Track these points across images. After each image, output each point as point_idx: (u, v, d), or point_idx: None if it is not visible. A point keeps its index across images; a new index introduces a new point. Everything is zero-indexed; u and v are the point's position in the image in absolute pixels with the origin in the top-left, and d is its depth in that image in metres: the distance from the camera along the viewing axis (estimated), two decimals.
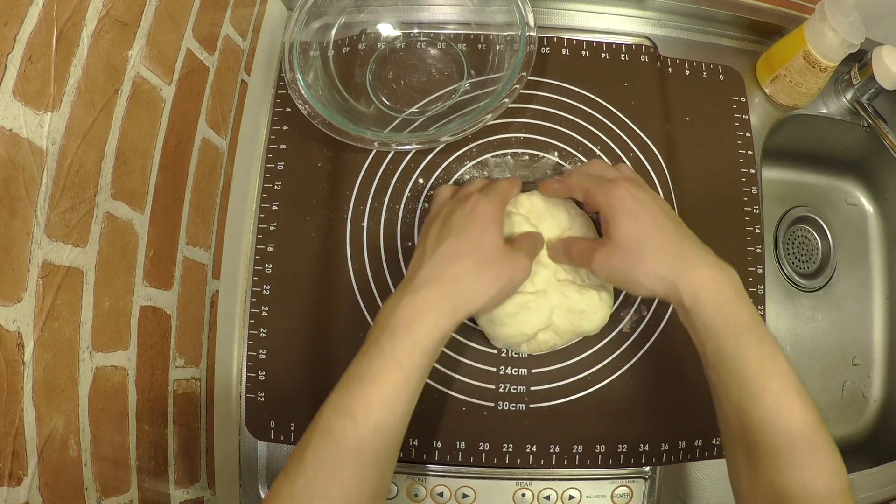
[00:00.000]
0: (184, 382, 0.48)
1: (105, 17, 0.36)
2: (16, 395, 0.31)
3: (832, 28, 0.54)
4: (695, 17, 0.63)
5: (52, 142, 0.33)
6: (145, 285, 0.43)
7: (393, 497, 0.52)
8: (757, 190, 0.58)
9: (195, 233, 0.49)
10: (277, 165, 0.57)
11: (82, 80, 0.34)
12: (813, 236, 0.75)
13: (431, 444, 0.51)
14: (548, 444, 0.51)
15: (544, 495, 0.52)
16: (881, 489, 0.57)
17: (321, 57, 0.57)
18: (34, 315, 0.32)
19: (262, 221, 0.56)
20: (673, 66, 0.61)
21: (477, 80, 0.58)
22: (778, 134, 0.64)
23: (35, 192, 0.32)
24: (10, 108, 0.30)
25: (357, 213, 0.55)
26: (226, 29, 0.51)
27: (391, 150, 0.55)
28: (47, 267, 0.33)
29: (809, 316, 0.72)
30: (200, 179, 0.49)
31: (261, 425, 0.53)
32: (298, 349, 0.54)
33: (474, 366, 0.52)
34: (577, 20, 0.62)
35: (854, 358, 0.72)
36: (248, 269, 0.56)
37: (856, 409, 0.70)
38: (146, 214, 0.42)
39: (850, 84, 0.63)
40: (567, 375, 0.52)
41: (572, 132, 0.56)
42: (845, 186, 0.77)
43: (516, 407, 0.52)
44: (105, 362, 0.38)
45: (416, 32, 0.60)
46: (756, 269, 0.56)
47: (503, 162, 0.55)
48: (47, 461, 0.33)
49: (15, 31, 0.30)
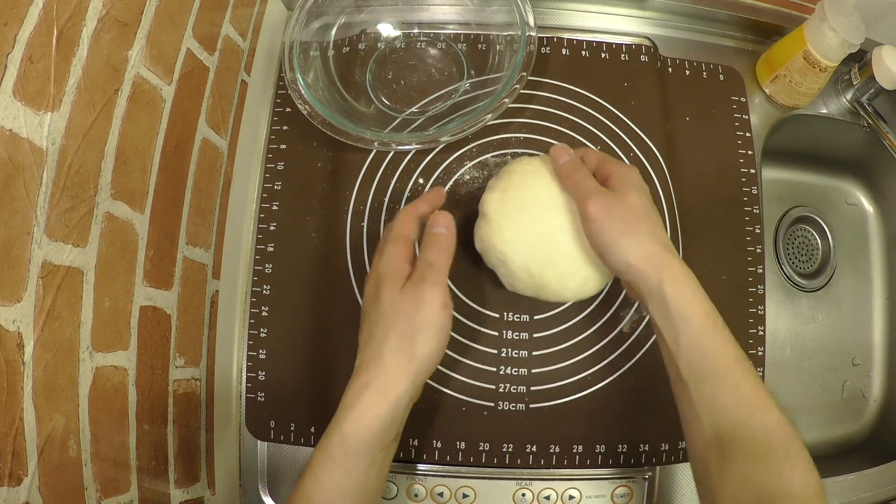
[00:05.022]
0: (184, 382, 0.48)
1: (105, 17, 0.36)
2: (16, 395, 0.31)
3: (832, 28, 0.54)
4: (695, 17, 0.63)
5: (52, 142, 0.33)
6: (145, 285, 0.43)
7: (393, 497, 0.52)
8: (757, 190, 0.58)
9: (195, 233, 0.49)
10: (277, 165, 0.57)
11: (82, 80, 0.34)
12: (813, 236, 0.75)
13: (431, 444, 0.51)
14: (548, 444, 0.51)
15: (544, 495, 0.52)
16: (881, 489, 0.57)
17: (321, 57, 0.57)
18: (34, 315, 0.32)
19: (262, 221, 0.56)
20: (673, 66, 0.61)
21: (477, 80, 0.58)
22: (778, 134, 0.64)
23: (35, 192, 0.32)
24: (10, 108, 0.30)
25: (357, 213, 0.55)
26: (226, 29, 0.51)
27: (391, 150, 0.55)
28: (47, 267, 0.33)
29: (809, 316, 0.72)
30: (200, 179, 0.49)
31: (261, 425, 0.53)
32: (298, 349, 0.54)
33: (474, 366, 0.52)
34: (577, 20, 0.62)
35: (854, 358, 0.72)
36: (248, 269, 0.56)
37: (856, 409, 0.70)
38: (146, 214, 0.42)
39: (850, 84, 0.63)
40: (567, 375, 0.52)
41: (572, 132, 0.56)
42: (845, 186, 0.77)
43: (516, 407, 0.52)
44: (105, 362, 0.38)
45: (416, 32, 0.60)
46: (756, 269, 0.56)
47: (503, 162, 0.55)
48: (47, 461, 0.33)
49: (15, 31, 0.30)
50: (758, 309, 0.56)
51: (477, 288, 0.53)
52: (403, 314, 0.39)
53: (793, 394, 0.70)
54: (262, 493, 0.54)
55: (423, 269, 0.41)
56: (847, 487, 0.56)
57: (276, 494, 0.54)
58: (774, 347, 0.70)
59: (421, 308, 0.39)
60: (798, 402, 0.69)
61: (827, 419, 0.69)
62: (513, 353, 0.52)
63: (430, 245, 0.42)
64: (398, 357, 0.39)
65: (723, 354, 0.38)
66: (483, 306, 0.53)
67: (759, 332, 0.55)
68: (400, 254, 0.42)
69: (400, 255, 0.42)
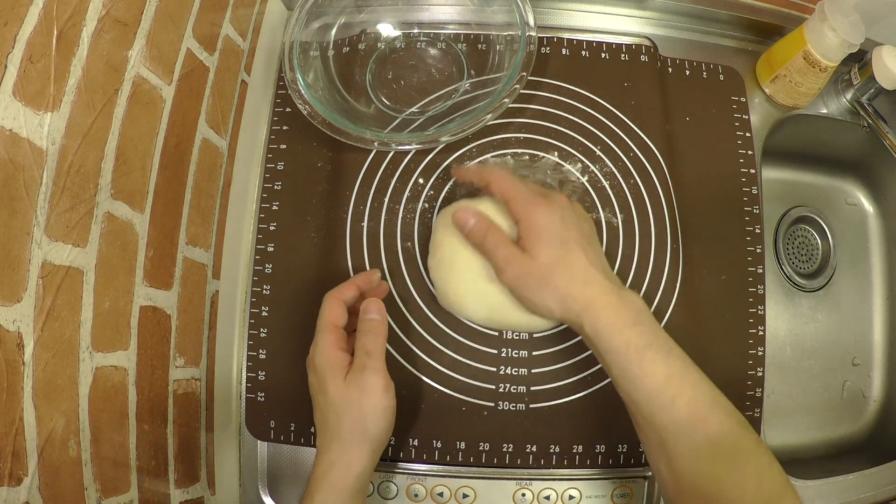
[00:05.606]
0: (184, 382, 0.48)
1: (105, 17, 0.36)
2: (16, 395, 0.31)
3: (832, 28, 0.54)
4: (695, 17, 0.63)
5: (52, 142, 0.33)
6: (145, 285, 0.43)
7: (393, 497, 0.52)
8: (757, 190, 0.58)
9: (195, 233, 0.49)
10: (277, 165, 0.57)
11: (82, 80, 0.34)
12: (813, 236, 0.75)
13: (431, 444, 0.51)
14: (548, 444, 0.51)
15: (544, 495, 0.52)
16: (881, 489, 0.57)
17: (321, 57, 0.57)
18: (34, 315, 0.32)
19: (262, 221, 0.56)
20: (673, 66, 0.61)
21: (477, 80, 0.58)
22: (778, 134, 0.64)
23: (35, 192, 0.32)
24: (10, 108, 0.30)
25: (357, 213, 0.55)
26: (226, 29, 0.51)
27: (391, 150, 0.55)
28: (47, 267, 0.33)
29: (809, 316, 0.72)
30: (200, 179, 0.49)
31: (261, 425, 0.53)
32: (298, 349, 0.54)
33: (474, 366, 0.52)
34: (577, 20, 0.62)
35: (854, 358, 0.72)
36: (248, 269, 0.56)
37: (856, 409, 0.70)
38: (146, 214, 0.42)
39: (850, 84, 0.63)
40: (567, 375, 0.52)
41: (572, 132, 0.56)
42: (845, 186, 0.77)
43: (516, 407, 0.52)
44: (105, 362, 0.38)
45: (416, 32, 0.60)
46: (756, 269, 0.56)
47: (503, 162, 0.55)
48: (47, 461, 0.33)
49: (15, 31, 0.30)
50: (758, 309, 0.56)
51: None
52: (351, 403, 0.43)
53: (793, 394, 0.70)
54: (262, 493, 0.54)
55: (362, 357, 0.44)
56: (847, 487, 0.56)
57: (276, 494, 0.54)
58: (774, 347, 0.70)
59: (365, 396, 0.43)
60: (798, 402, 0.69)
61: (827, 419, 0.69)
62: (513, 353, 0.52)
63: (366, 332, 0.46)
64: (354, 438, 0.43)
65: (651, 377, 0.40)
66: None
67: (759, 332, 0.55)
68: (333, 343, 0.45)
69: (333, 344, 0.45)
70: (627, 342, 0.41)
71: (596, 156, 0.56)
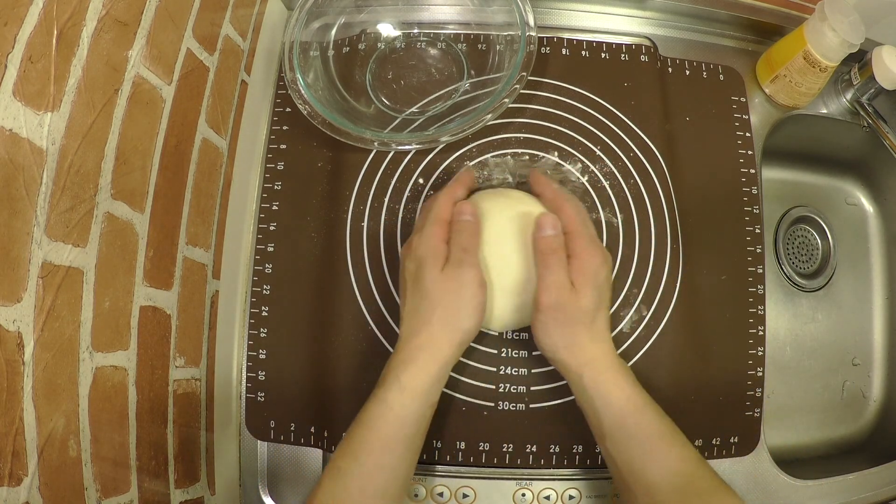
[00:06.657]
0: (184, 382, 0.48)
1: (105, 17, 0.36)
2: (16, 395, 0.31)
3: (832, 28, 0.54)
4: (695, 17, 0.63)
5: (52, 142, 0.33)
6: (145, 285, 0.43)
7: None
8: (757, 190, 0.58)
9: (195, 233, 0.49)
10: (277, 165, 0.57)
11: (82, 80, 0.34)
12: (813, 236, 0.75)
13: (431, 444, 0.51)
14: (548, 444, 0.51)
15: (544, 495, 0.52)
16: (881, 489, 0.57)
17: (321, 57, 0.57)
18: (34, 315, 0.32)
19: (262, 221, 0.56)
20: (673, 66, 0.61)
21: (477, 80, 0.58)
22: (778, 134, 0.64)
23: (35, 192, 0.32)
24: (10, 108, 0.30)
25: (357, 213, 0.55)
26: (226, 29, 0.51)
27: (391, 150, 0.55)
28: (47, 267, 0.33)
29: (809, 316, 0.72)
30: (200, 179, 0.49)
31: (261, 425, 0.53)
32: (298, 349, 0.54)
33: (474, 366, 0.52)
34: (577, 20, 0.62)
35: (854, 358, 0.72)
36: (248, 269, 0.56)
37: (856, 409, 0.70)
38: (146, 214, 0.42)
39: (850, 84, 0.63)
40: None
41: (572, 132, 0.56)
42: (845, 186, 0.77)
43: (516, 407, 0.52)
44: (105, 362, 0.38)
45: (416, 32, 0.60)
46: (756, 269, 0.56)
47: (503, 162, 0.55)
48: (47, 461, 0.33)
49: (15, 31, 0.30)
50: (758, 309, 0.56)
51: None
52: (449, 293, 0.44)
53: (793, 394, 0.70)
54: (262, 493, 0.54)
55: (459, 252, 0.45)
56: (847, 487, 0.56)
57: (276, 494, 0.54)
58: (774, 347, 0.70)
59: (463, 288, 0.44)
60: (798, 402, 0.69)
61: (827, 419, 0.69)
62: (513, 353, 0.52)
63: (461, 231, 0.46)
64: (446, 328, 0.44)
65: (646, 430, 0.43)
66: None
67: (759, 332, 0.56)
68: (439, 235, 0.46)
69: (439, 236, 0.46)
70: (628, 398, 0.43)
71: (596, 156, 0.56)
